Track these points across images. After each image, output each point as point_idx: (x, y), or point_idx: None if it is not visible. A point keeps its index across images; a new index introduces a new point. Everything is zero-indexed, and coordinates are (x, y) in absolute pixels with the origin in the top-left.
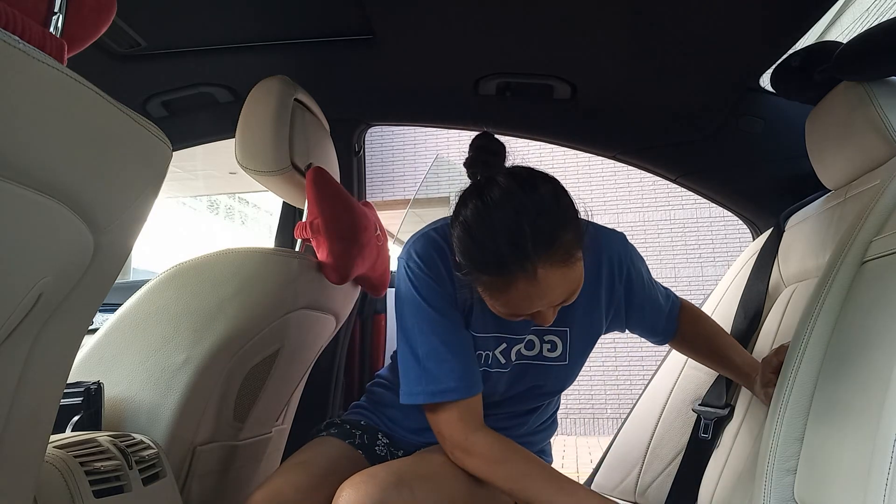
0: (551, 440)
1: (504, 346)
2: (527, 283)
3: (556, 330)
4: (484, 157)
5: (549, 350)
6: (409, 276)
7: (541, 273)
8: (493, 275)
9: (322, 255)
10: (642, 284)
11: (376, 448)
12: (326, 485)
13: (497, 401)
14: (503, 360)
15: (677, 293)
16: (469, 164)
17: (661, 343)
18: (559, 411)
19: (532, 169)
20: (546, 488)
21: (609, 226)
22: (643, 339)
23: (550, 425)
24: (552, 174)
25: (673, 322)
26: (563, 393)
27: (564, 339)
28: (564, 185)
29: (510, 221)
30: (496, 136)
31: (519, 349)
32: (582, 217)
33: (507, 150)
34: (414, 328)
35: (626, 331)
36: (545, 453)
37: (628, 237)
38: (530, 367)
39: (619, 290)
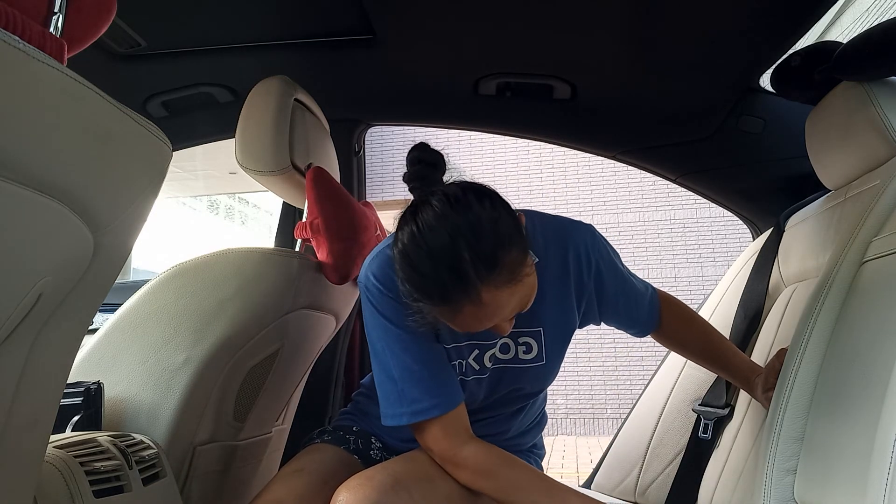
0: (542, 433)
1: (476, 352)
2: (473, 308)
3: (530, 331)
4: (421, 172)
5: (524, 352)
6: (370, 299)
7: (486, 297)
8: (438, 304)
9: (322, 255)
10: (614, 274)
11: (371, 453)
12: (325, 491)
13: (479, 407)
14: (478, 367)
15: (677, 293)
16: (407, 178)
17: (641, 335)
18: (559, 411)
19: (467, 185)
20: (538, 498)
21: (608, 226)
22: (643, 339)
23: (539, 422)
24: (554, 172)
25: (654, 313)
26: (564, 393)
27: (539, 340)
28: (502, 196)
29: (447, 248)
30: (433, 148)
31: (493, 353)
32: (545, 213)
33: (501, 150)
34: (385, 350)
35: (602, 323)
36: (537, 447)
37: (628, 237)
38: (507, 370)
39: (589, 283)
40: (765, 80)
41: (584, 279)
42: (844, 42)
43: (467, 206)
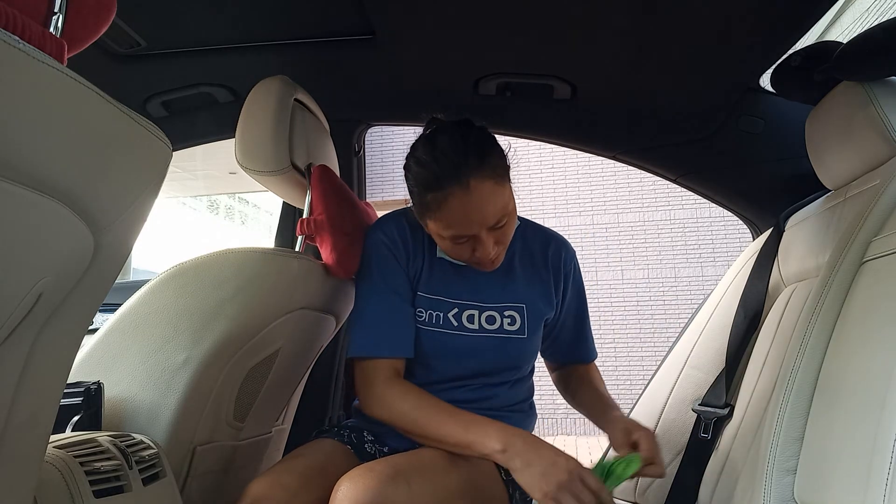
0: (533, 430)
1: (456, 310)
2: (462, 194)
3: (514, 306)
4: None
5: (509, 324)
6: (370, 241)
7: (473, 184)
8: (433, 189)
9: (326, 250)
10: (578, 295)
11: (365, 446)
12: (323, 475)
13: (469, 374)
14: (456, 323)
15: (677, 293)
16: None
17: (549, 359)
18: (559, 411)
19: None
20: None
21: (608, 226)
22: (643, 339)
23: (528, 410)
24: (554, 172)
25: (575, 358)
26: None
27: (522, 315)
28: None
29: (449, 144)
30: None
31: (474, 316)
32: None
33: (511, 148)
34: (363, 293)
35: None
36: None
37: (628, 237)
38: (492, 339)
39: (560, 280)
40: (765, 80)
41: (559, 272)
42: (844, 42)
43: (470, 125)
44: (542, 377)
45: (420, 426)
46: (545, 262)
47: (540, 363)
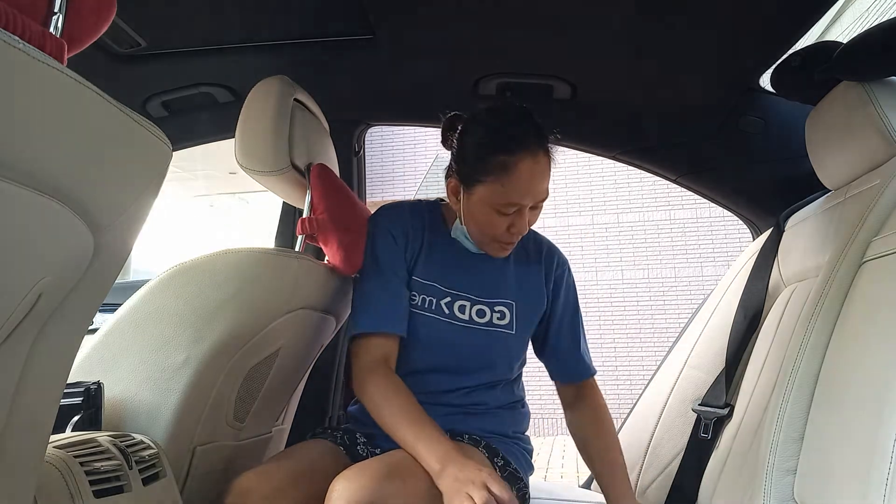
0: (528, 433)
1: (448, 299)
2: (532, 162)
3: (504, 301)
4: None
5: (498, 318)
6: (372, 225)
7: (540, 156)
8: (505, 151)
9: (331, 248)
10: (569, 301)
11: (357, 447)
12: (313, 473)
13: (460, 372)
14: (447, 311)
15: (677, 293)
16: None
17: (555, 378)
18: (560, 411)
19: None
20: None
21: (608, 226)
22: (643, 339)
23: (520, 409)
24: (554, 172)
25: (574, 376)
26: None
27: (511, 311)
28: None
29: (522, 113)
30: None
31: (465, 307)
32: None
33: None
34: (365, 274)
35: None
36: (524, 441)
37: (628, 237)
38: (482, 332)
39: (552, 275)
40: (765, 80)
41: (550, 275)
42: (844, 42)
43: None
44: (542, 377)
45: (382, 421)
46: (538, 258)
47: (536, 364)
